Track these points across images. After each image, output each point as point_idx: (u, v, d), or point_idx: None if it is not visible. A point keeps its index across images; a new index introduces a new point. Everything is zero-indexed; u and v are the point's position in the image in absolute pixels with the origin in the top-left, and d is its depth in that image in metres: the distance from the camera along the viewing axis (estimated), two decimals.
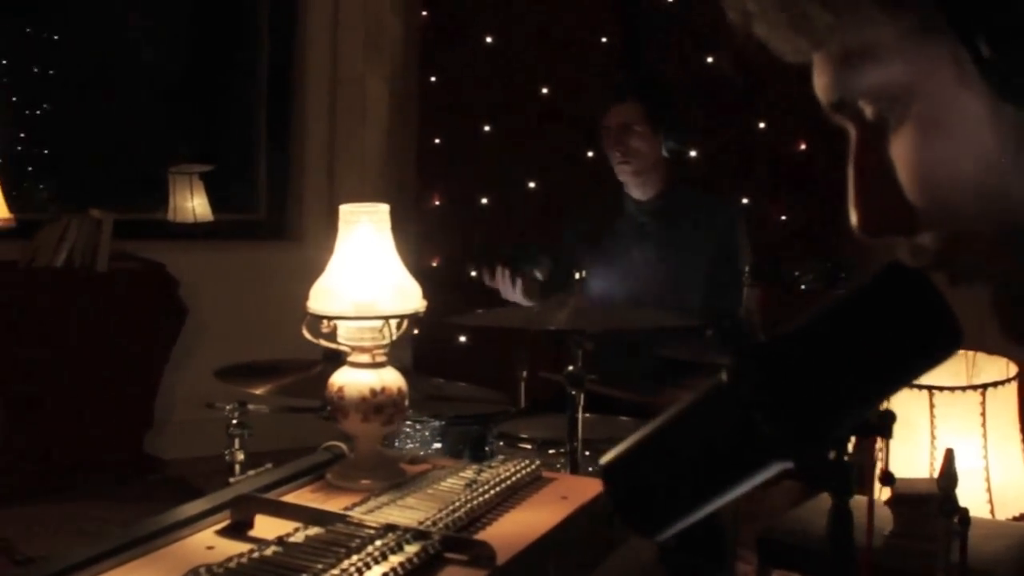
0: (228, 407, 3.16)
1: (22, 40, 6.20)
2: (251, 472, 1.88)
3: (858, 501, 3.43)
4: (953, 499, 2.98)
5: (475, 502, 1.74)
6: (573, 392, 2.84)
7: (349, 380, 1.92)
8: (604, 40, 5.66)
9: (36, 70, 6.27)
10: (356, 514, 1.66)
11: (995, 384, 3.77)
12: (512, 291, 3.95)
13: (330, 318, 1.90)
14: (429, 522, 1.64)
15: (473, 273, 4.12)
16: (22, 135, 6.29)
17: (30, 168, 6.34)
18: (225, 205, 5.97)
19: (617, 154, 3.88)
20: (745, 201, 5.25)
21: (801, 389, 0.83)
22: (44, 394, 5.09)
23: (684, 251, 3.86)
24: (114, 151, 6.27)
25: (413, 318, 1.95)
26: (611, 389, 3.42)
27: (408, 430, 3.65)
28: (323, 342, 1.93)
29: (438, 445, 3.65)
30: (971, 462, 3.79)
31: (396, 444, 3.64)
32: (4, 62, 6.19)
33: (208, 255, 5.72)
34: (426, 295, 5.77)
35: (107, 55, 6.22)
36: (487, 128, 5.71)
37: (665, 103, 3.97)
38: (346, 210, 1.96)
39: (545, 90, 5.67)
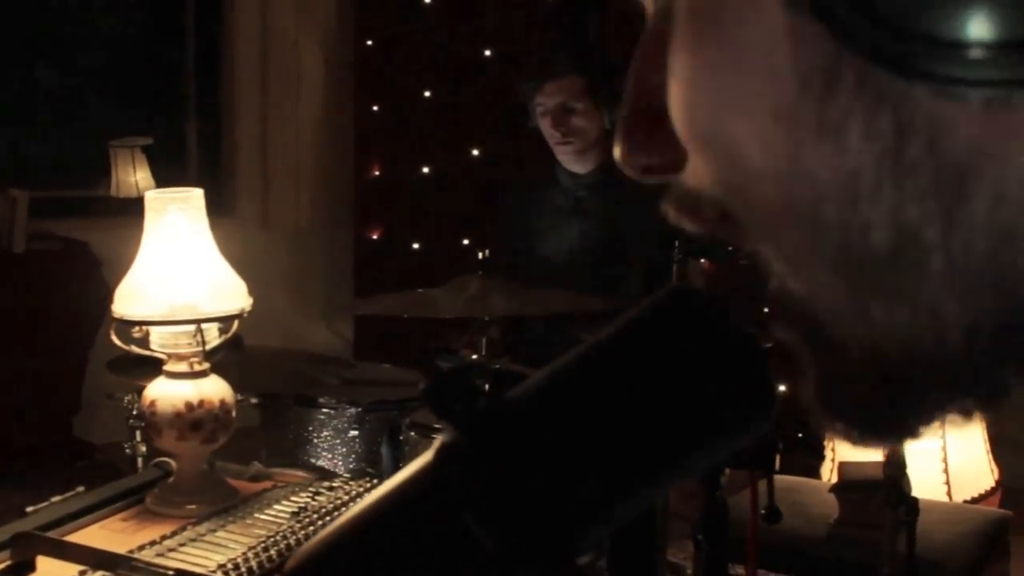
0: (127, 398, 2.93)
1: None
2: (56, 498, 1.63)
3: (802, 483, 3.22)
4: (900, 488, 2.77)
5: (295, 537, 1.49)
6: (478, 383, 2.60)
7: (162, 393, 1.67)
8: None
9: None
10: (148, 554, 1.41)
11: None
12: None
13: (134, 323, 1.64)
14: (231, 564, 1.39)
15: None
16: None
17: None
18: (155, 179, 5.72)
19: (557, 135, 3.63)
20: None
21: (534, 479, 0.55)
22: None
23: (623, 226, 3.62)
24: (49, 128, 6.02)
25: (238, 319, 1.69)
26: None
27: (323, 418, 3.42)
28: (135, 349, 1.68)
29: (355, 433, 3.42)
30: (927, 442, 3.58)
31: (311, 430, 3.42)
32: None
33: (139, 233, 5.49)
34: (367, 269, 5.55)
35: (42, 29, 5.95)
36: (427, 94, 5.45)
37: (606, 73, 3.71)
38: (152, 197, 1.70)
39: (488, 52, 5.40)
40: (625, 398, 0.55)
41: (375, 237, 5.58)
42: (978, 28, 0.39)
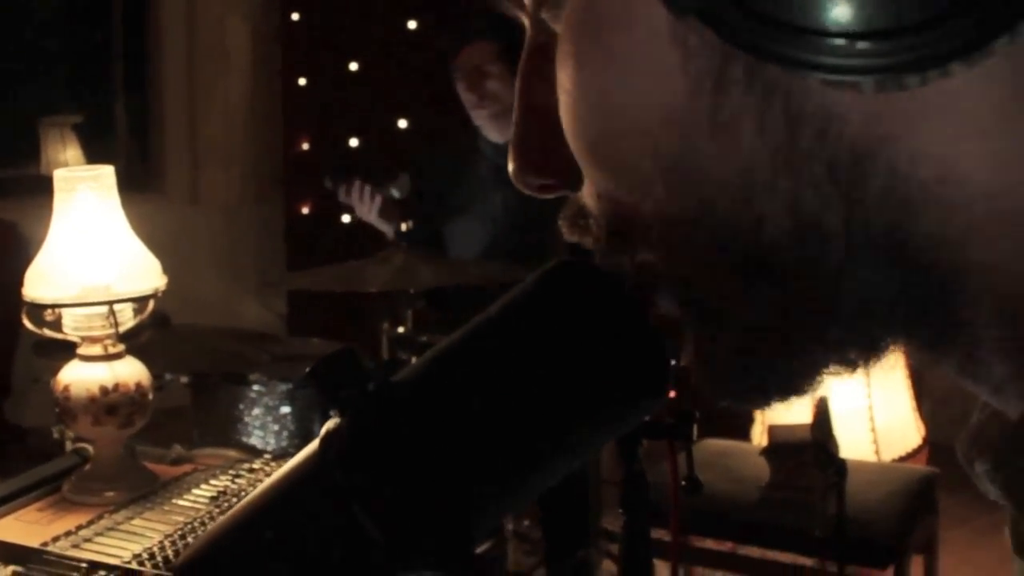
0: (53, 381, 2.90)
1: None
2: None
3: (732, 447, 3.24)
4: (828, 449, 2.80)
5: (213, 523, 1.47)
6: (404, 357, 2.60)
7: (76, 377, 1.65)
8: None
9: None
10: (62, 545, 1.39)
11: None
12: (368, 210, 3.70)
13: (45, 306, 1.61)
14: (147, 554, 1.38)
15: (328, 185, 3.85)
16: None
17: None
18: (86, 157, 5.64)
19: (472, 99, 3.62)
20: None
21: (422, 466, 0.53)
22: None
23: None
24: None
25: (153, 299, 1.66)
26: None
27: (253, 396, 3.40)
28: (48, 332, 1.65)
29: (287, 410, 3.40)
30: (854, 402, 3.61)
31: (242, 408, 3.40)
32: None
33: None
34: (298, 244, 5.50)
35: None
36: (353, 67, 5.41)
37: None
38: (61, 176, 1.67)
39: (412, 24, 5.36)
40: (513, 375, 0.54)
41: (305, 211, 5.54)
42: (856, 18, 0.39)
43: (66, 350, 3.02)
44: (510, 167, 0.56)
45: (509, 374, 0.54)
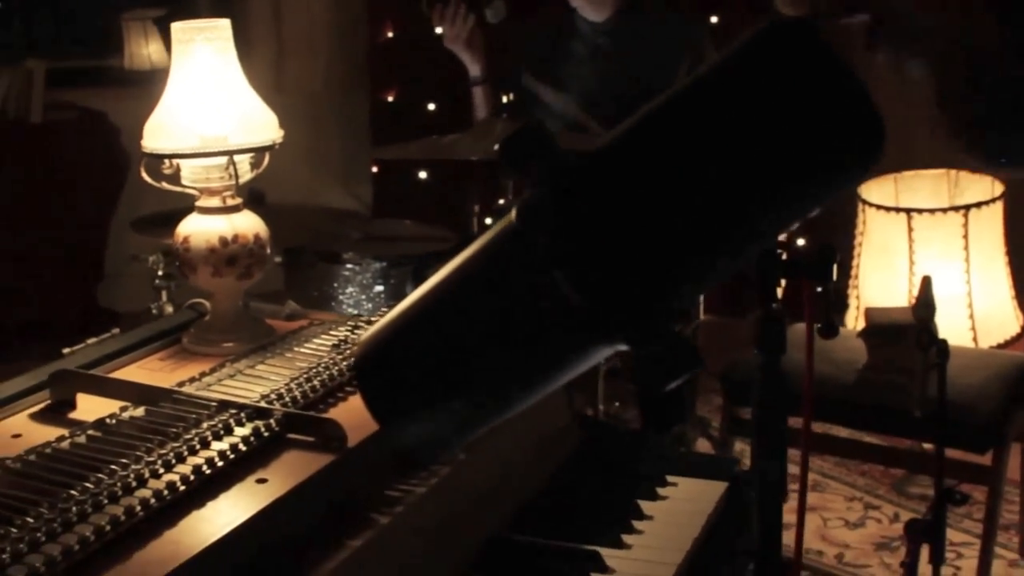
0: (152, 258, 2.91)
1: None
2: (91, 340, 1.61)
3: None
4: (930, 330, 2.75)
5: (337, 368, 1.47)
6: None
7: (196, 229, 1.64)
8: None
9: None
10: (189, 390, 1.40)
11: (979, 205, 3.50)
12: (459, 34, 3.78)
13: (164, 156, 1.61)
14: (275, 395, 1.38)
15: (424, 9, 3.89)
16: None
17: None
18: (168, 51, 5.63)
19: None
20: (714, 20, 4.87)
21: (626, 232, 0.52)
22: None
23: (645, 72, 3.57)
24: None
25: (269, 151, 1.65)
26: None
27: (347, 274, 3.41)
28: (166, 185, 1.65)
29: (380, 288, 3.41)
30: (953, 288, 3.55)
31: (336, 287, 3.41)
32: None
33: (154, 105, 5.44)
34: (383, 131, 5.48)
35: None
36: None
37: None
38: (178, 28, 1.65)
39: None
40: (727, 134, 0.52)
41: (390, 99, 5.50)
42: None
43: (165, 226, 3.03)
44: None
45: (722, 133, 0.52)
